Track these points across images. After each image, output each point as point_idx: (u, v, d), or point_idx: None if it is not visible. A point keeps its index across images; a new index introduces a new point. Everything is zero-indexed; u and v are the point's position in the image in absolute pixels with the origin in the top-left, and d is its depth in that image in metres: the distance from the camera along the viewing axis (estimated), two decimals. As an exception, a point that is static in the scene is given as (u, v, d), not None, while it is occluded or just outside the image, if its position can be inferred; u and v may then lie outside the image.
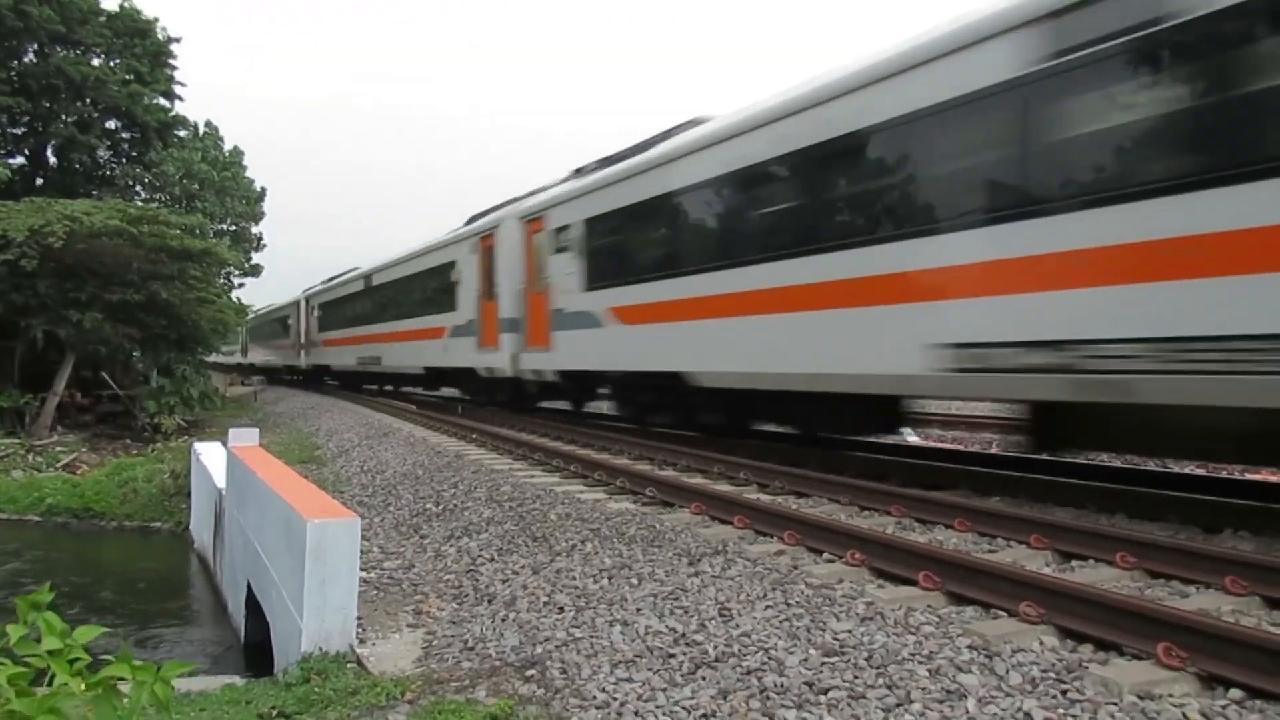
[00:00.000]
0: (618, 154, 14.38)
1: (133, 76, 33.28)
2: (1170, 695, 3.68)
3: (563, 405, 17.99)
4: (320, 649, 5.43)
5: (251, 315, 49.86)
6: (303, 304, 38.71)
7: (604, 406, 17.22)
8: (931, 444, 14.10)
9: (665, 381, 12.24)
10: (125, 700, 2.12)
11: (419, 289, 23.48)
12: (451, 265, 20.93)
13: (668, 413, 13.34)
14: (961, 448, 13.38)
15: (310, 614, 5.47)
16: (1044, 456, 11.04)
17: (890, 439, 12.58)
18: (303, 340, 38.64)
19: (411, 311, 23.78)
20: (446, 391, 25.70)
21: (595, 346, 13.88)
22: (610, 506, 8.43)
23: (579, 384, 15.88)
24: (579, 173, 15.77)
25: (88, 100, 32.84)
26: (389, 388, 31.26)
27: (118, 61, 33.62)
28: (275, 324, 45.90)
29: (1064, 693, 3.75)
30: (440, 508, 9.28)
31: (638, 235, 13.10)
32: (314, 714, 4.55)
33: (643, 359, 12.72)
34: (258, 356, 53.15)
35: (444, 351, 21.01)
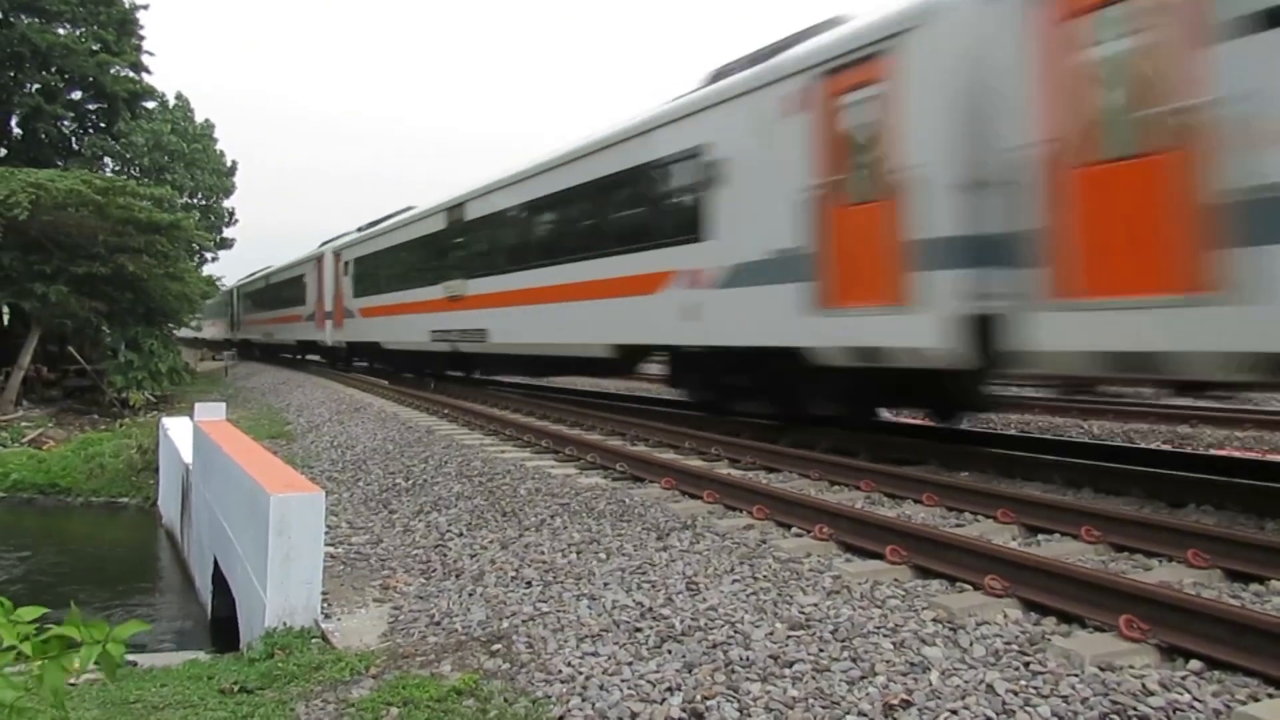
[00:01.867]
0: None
1: (100, 46, 32.61)
2: (1131, 667, 3.70)
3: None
4: (285, 624, 5.38)
5: (246, 279, 45.08)
6: (328, 260, 29.08)
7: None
8: (903, 420, 14.15)
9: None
10: (76, 662, 2.05)
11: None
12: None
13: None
14: (932, 424, 13.42)
15: (274, 589, 5.42)
16: (1012, 432, 11.14)
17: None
18: (327, 308, 29.18)
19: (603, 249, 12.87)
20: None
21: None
22: (581, 481, 8.41)
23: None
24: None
25: (54, 69, 32.16)
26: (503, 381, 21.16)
27: (84, 30, 32.92)
28: (282, 288, 36.72)
29: (1026, 665, 3.77)
30: (410, 483, 9.22)
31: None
32: (277, 689, 4.51)
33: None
34: (255, 330, 43.78)
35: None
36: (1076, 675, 3.62)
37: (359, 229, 27.36)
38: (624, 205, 12.39)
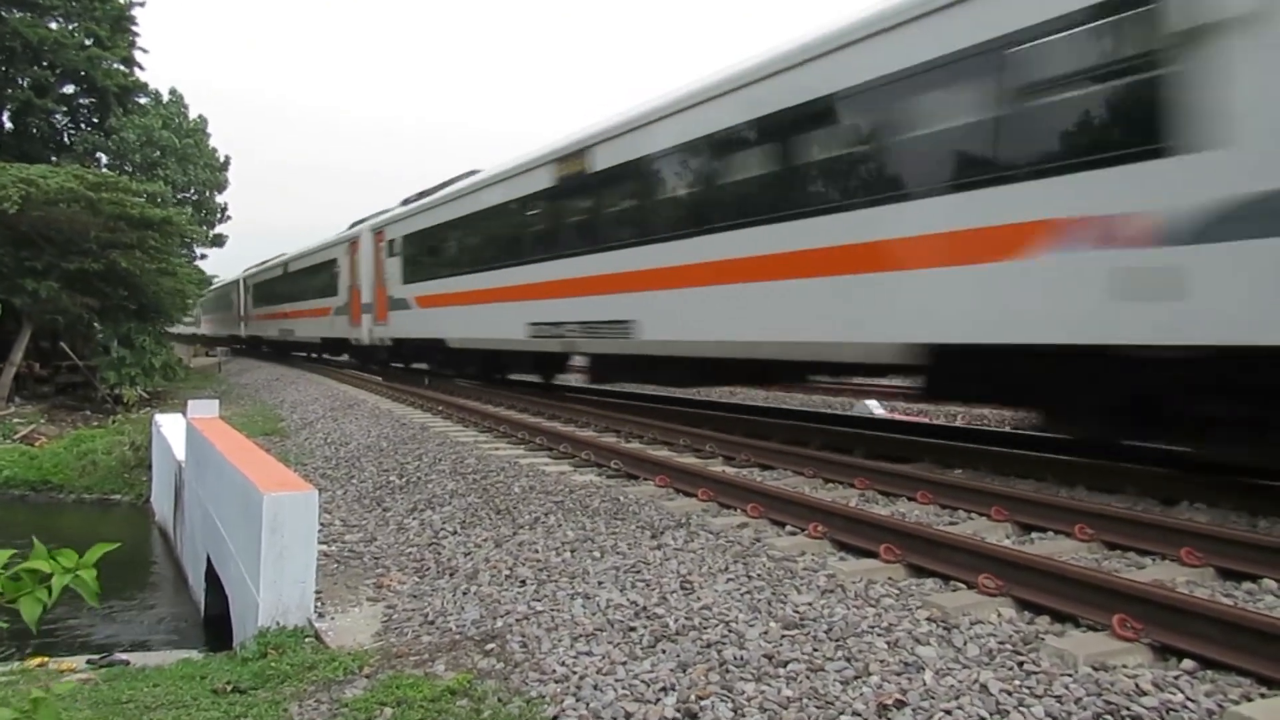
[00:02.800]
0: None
1: (92, 40, 32.49)
2: (1124, 666, 3.71)
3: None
4: (278, 623, 5.36)
5: (256, 267, 40.19)
6: (365, 241, 23.63)
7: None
8: (897, 417, 14.18)
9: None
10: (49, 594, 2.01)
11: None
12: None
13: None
14: (927, 420, 13.46)
15: (267, 588, 5.40)
16: (1007, 429, 11.15)
17: (856, 412, 12.72)
18: (365, 298, 23.56)
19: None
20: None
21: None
22: (575, 479, 8.40)
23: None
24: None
25: (45, 64, 32.02)
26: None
27: (76, 25, 32.78)
28: (305, 277, 30.84)
29: (1020, 664, 3.77)
30: (404, 480, 9.21)
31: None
32: (269, 689, 4.49)
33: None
34: (268, 326, 37.93)
35: None
36: (1070, 675, 3.62)
37: (404, 202, 22.37)
38: (967, 109, 7.44)
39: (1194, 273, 5.77)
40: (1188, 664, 3.70)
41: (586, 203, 13.43)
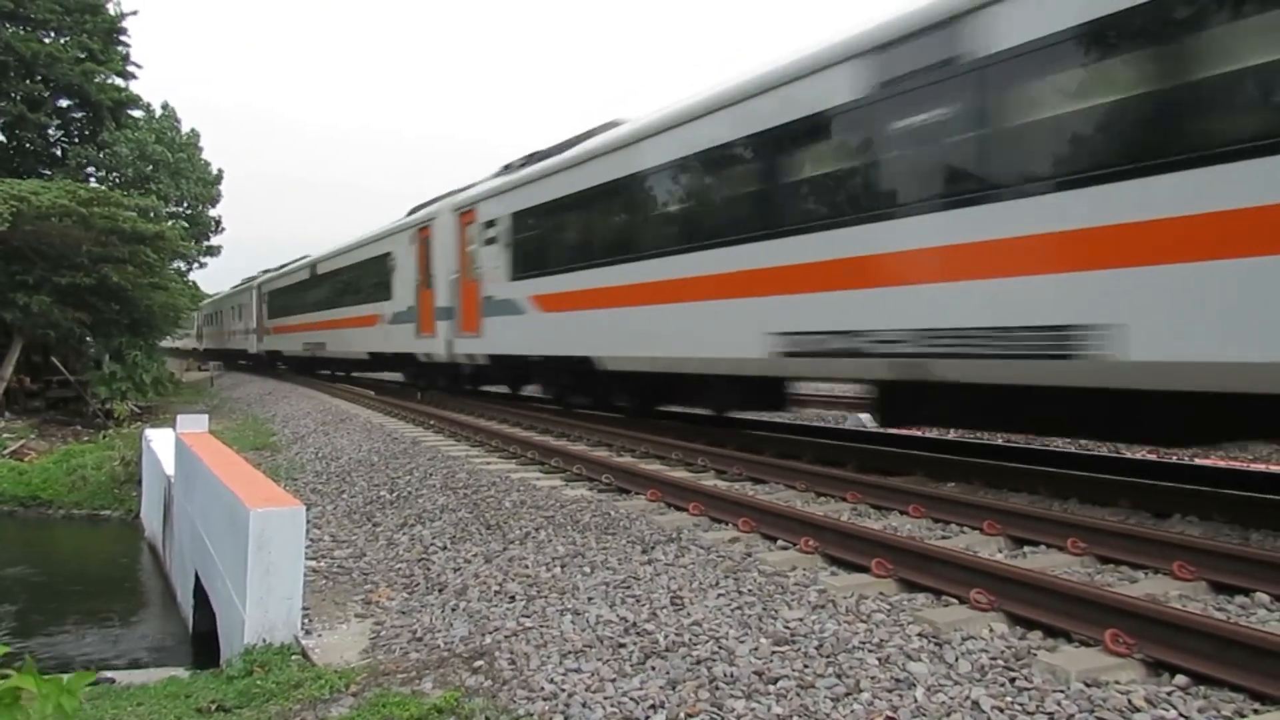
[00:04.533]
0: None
1: (85, 54, 32.43)
2: (1117, 682, 3.67)
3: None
4: (264, 640, 5.31)
5: (275, 271, 35.36)
6: (444, 224, 18.13)
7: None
8: (889, 430, 14.15)
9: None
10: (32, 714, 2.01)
11: None
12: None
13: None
14: (920, 433, 13.44)
15: (254, 605, 5.35)
16: (999, 442, 11.14)
17: (849, 426, 12.70)
18: (441, 302, 18.07)
19: None
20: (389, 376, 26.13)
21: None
22: (566, 493, 8.36)
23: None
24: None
25: (38, 78, 31.96)
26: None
27: (69, 38, 32.74)
28: (347, 278, 25.49)
29: (1012, 680, 3.74)
30: (394, 495, 9.16)
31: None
32: (255, 707, 4.44)
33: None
34: (290, 340, 32.55)
35: None
36: (1062, 691, 3.59)
37: (500, 172, 16.64)
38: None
39: None
40: (1180, 680, 3.67)
41: (911, 126, 7.80)
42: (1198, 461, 9.61)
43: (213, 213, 48.50)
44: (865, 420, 15.05)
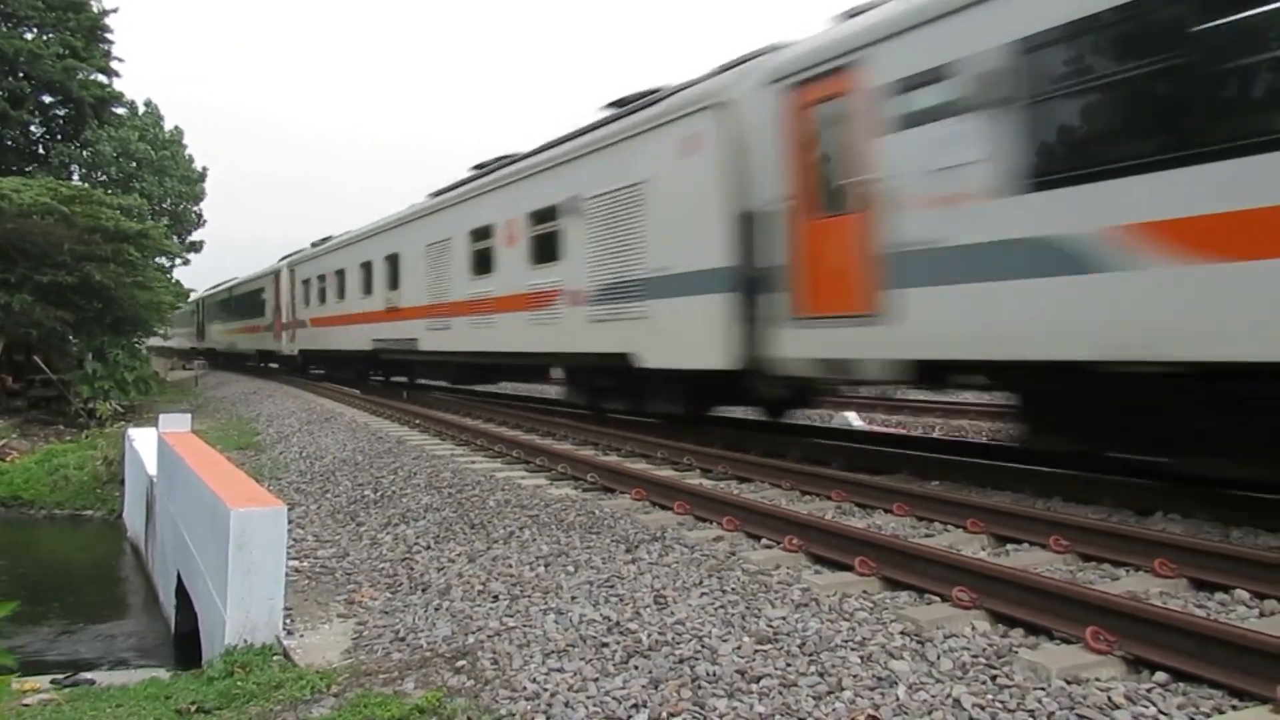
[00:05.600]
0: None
1: (67, 51, 32.18)
2: (1097, 679, 3.69)
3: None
4: (245, 641, 5.27)
5: (315, 247, 27.31)
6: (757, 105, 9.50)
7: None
8: (875, 429, 14.19)
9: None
10: None
11: None
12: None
13: None
14: (905, 432, 13.47)
15: (235, 605, 5.31)
16: (984, 440, 11.17)
17: (835, 424, 12.70)
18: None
19: None
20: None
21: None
22: (551, 492, 8.34)
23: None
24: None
25: (20, 75, 31.71)
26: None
27: (51, 35, 32.49)
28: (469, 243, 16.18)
29: (994, 678, 3.75)
30: (379, 494, 9.12)
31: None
32: (235, 709, 4.41)
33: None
34: (331, 337, 25.30)
35: None
36: (1043, 689, 3.60)
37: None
38: None
39: None
40: (1160, 676, 3.68)
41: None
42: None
43: (196, 208, 48.14)
44: (851, 418, 15.09)
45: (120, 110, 38.39)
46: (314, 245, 28.71)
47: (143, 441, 13.37)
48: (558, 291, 12.94)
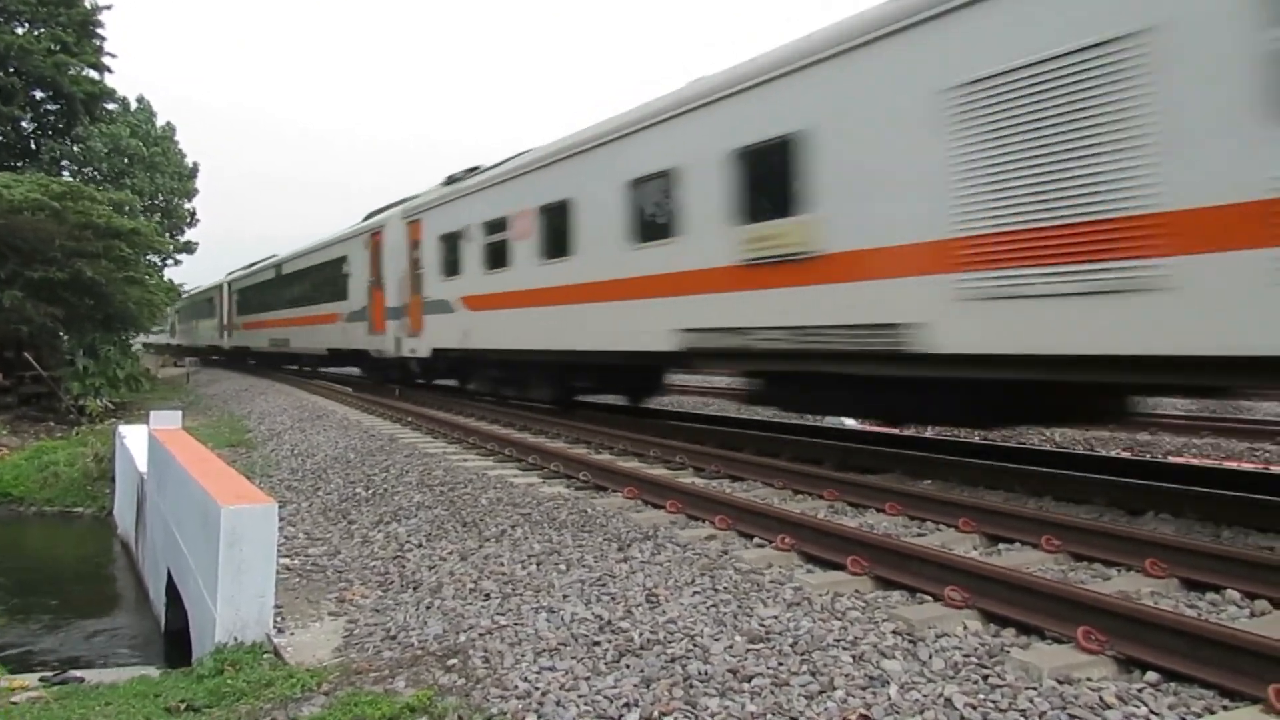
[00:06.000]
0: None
1: (58, 46, 32.03)
2: (1089, 679, 3.69)
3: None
4: (235, 639, 5.24)
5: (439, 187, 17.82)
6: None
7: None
8: (868, 428, 14.19)
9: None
10: None
11: None
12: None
13: None
14: (897, 431, 13.48)
15: (225, 603, 5.28)
16: (977, 440, 11.19)
17: (828, 424, 12.72)
18: None
19: None
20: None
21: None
22: (543, 491, 8.33)
23: None
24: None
25: (10, 70, 31.56)
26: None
27: (42, 30, 32.33)
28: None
29: (985, 678, 3.75)
30: (370, 492, 9.09)
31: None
32: (224, 707, 4.39)
33: None
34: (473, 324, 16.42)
35: None
36: (1034, 688, 3.60)
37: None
38: None
39: None
40: (1151, 676, 3.69)
41: None
42: (1171, 460, 9.69)
43: (188, 205, 47.99)
44: (844, 417, 15.09)
45: (111, 106, 38.24)
46: (452, 181, 17.84)
47: (133, 438, 13.31)
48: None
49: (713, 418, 13.06)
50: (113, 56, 34.94)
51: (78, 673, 6.49)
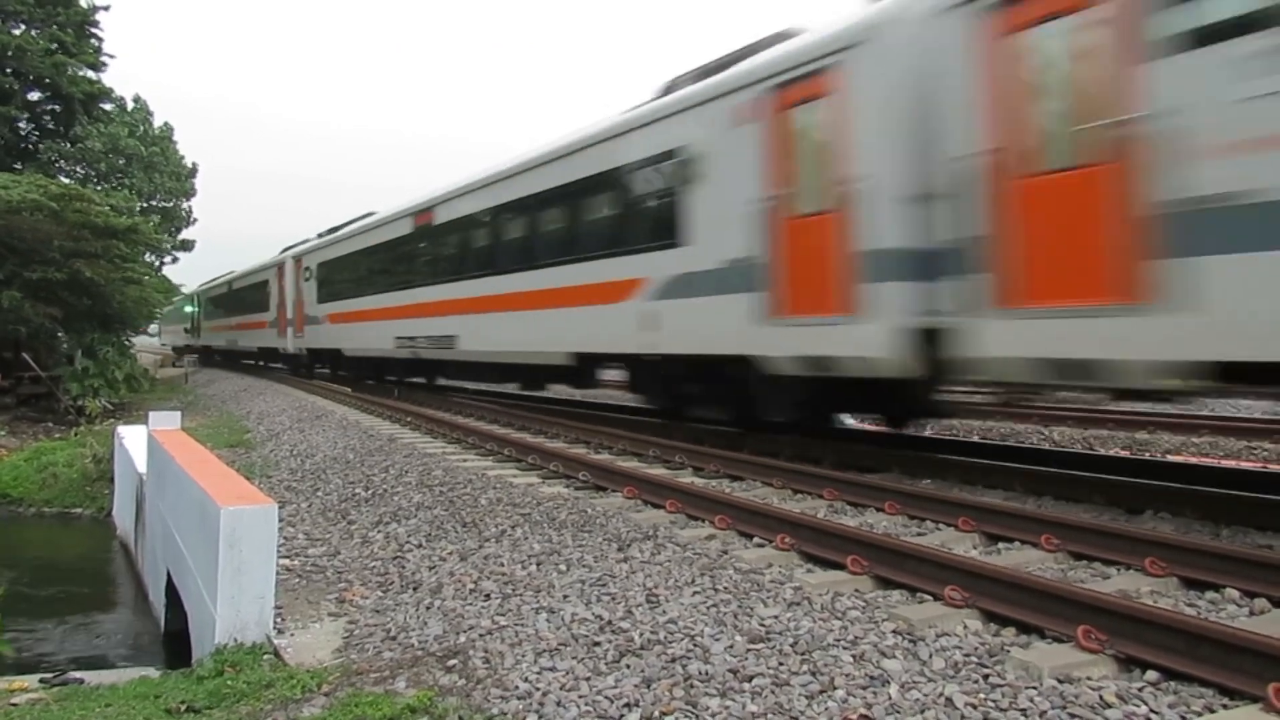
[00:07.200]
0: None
1: (56, 46, 32.00)
2: (1089, 678, 3.69)
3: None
4: (235, 640, 5.24)
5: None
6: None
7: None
8: (867, 427, 14.19)
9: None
10: None
11: None
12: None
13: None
14: (895, 431, 13.48)
15: (225, 604, 5.28)
16: (975, 439, 11.20)
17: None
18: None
19: None
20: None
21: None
22: (543, 491, 8.33)
23: None
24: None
25: (8, 70, 31.53)
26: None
27: (40, 31, 32.30)
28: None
29: (985, 677, 3.75)
30: (370, 493, 9.09)
31: None
32: (225, 708, 4.39)
33: None
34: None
35: None
36: (1035, 688, 3.60)
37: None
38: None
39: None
40: (1151, 675, 3.69)
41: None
42: (1170, 458, 9.71)
43: (186, 205, 47.97)
44: (843, 416, 15.09)
45: (109, 106, 38.20)
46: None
47: (132, 439, 13.30)
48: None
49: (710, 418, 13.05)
50: (111, 57, 34.94)
51: (78, 674, 6.49)
